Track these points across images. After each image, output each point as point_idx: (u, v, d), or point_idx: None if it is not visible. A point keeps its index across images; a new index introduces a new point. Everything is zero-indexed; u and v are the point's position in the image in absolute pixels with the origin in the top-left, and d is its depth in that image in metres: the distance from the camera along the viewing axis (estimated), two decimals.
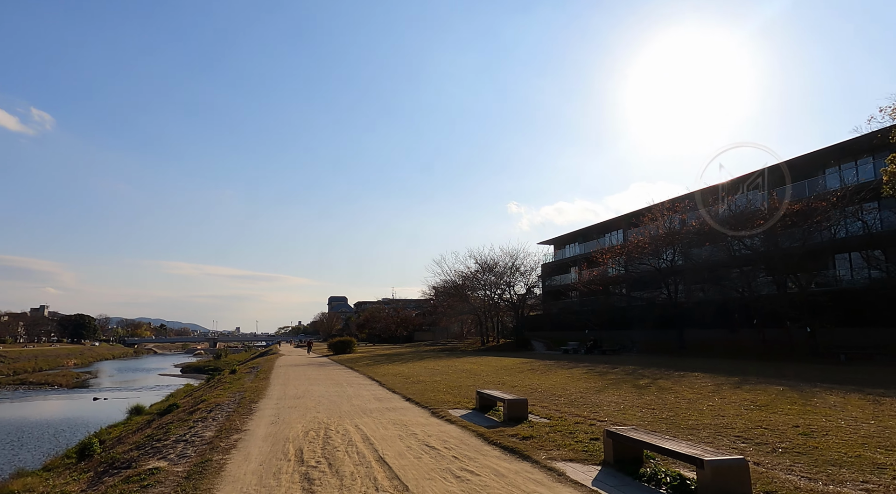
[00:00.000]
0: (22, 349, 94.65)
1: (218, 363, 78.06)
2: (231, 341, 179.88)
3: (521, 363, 23.04)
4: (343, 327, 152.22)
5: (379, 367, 24.42)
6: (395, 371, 21.07)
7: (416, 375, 18.96)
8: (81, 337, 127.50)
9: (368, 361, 29.77)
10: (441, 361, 27.05)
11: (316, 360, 34.93)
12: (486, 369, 20.46)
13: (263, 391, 15.14)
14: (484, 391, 10.07)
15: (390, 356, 35.08)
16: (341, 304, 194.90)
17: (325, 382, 17.79)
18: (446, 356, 31.93)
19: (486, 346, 45.84)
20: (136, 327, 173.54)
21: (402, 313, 76.41)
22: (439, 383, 15.79)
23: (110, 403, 35.21)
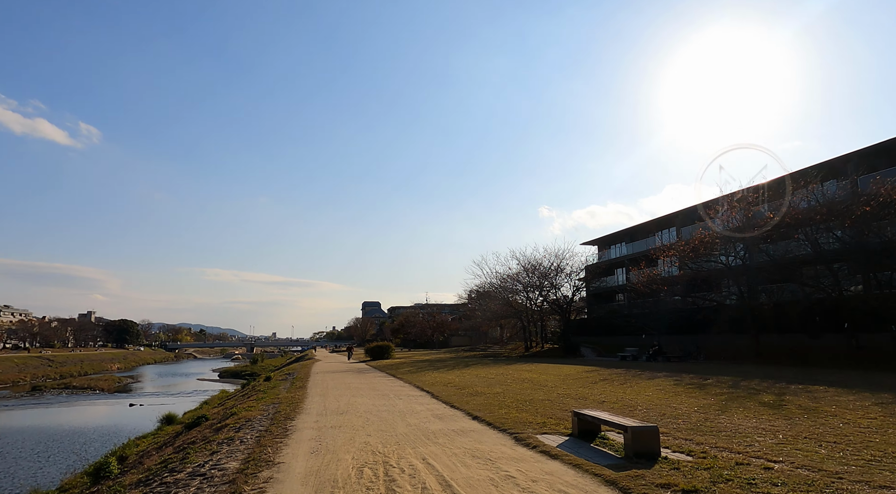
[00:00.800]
0: (69, 354, 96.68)
1: (254, 369, 77.56)
2: (268, 346, 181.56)
3: (585, 371, 20.38)
4: (377, 332, 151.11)
5: (424, 375, 22.17)
6: (444, 380, 18.76)
7: (470, 385, 16.60)
8: (125, 342, 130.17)
9: (410, 367, 27.60)
10: (490, 368, 24.61)
11: (354, 366, 33.04)
12: (548, 378, 17.92)
13: (300, 404, 13.07)
14: (586, 412, 7.62)
15: (432, 361, 32.82)
16: (375, 309, 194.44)
17: (368, 392, 15.64)
18: (493, 363, 29.46)
19: (529, 352, 43.11)
20: (177, 332, 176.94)
21: (437, 317, 74.21)
22: (502, 395, 13.39)
23: (145, 410, 34.14)
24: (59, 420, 31.21)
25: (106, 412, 35.36)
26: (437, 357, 40.64)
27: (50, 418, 32.80)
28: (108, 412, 34.75)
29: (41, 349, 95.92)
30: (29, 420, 31.78)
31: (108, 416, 32.98)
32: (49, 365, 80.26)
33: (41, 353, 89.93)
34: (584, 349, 40.53)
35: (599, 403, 11.16)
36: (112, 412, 34.75)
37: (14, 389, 58.64)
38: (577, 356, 38.63)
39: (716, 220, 29.13)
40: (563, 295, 41.99)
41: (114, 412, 34.69)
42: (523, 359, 35.69)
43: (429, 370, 24.56)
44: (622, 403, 10.98)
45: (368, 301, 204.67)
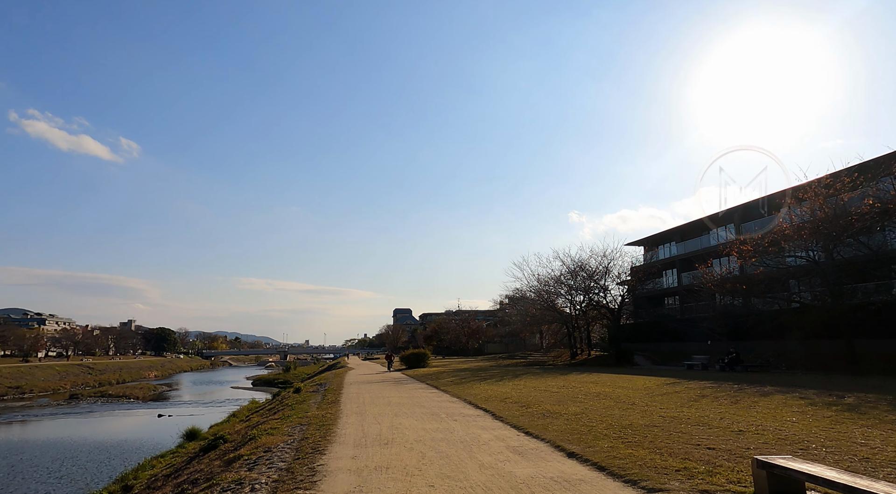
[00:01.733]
0: (109, 362, 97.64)
1: (287, 376, 76.12)
2: (301, 353, 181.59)
3: (665, 384, 17.19)
4: (409, 339, 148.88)
5: (471, 387, 19.35)
6: (499, 394, 15.92)
7: (534, 401, 13.71)
8: (163, 350, 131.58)
9: (452, 377, 24.81)
10: (545, 379, 21.59)
11: (389, 375, 30.48)
12: (626, 393, 14.85)
13: (333, 426, 10.46)
14: (791, 466, 4.66)
15: (474, 371, 29.96)
16: (406, 316, 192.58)
17: (413, 410, 12.94)
18: (544, 373, 26.39)
19: (576, 360, 39.77)
20: (213, 340, 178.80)
21: (471, 323, 71.26)
22: (586, 417, 10.48)
23: (173, 421, 32.39)
24: (85, 433, 29.67)
25: (133, 423, 33.75)
26: (477, 366, 37.74)
27: (76, 429, 31.37)
28: (135, 424, 33.12)
29: (82, 357, 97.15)
30: (55, 432, 30.36)
31: (133, 428, 31.29)
32: (89, 373, 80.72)
33: (82, 361, 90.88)
34: (638, 356, 36.96)
35: (736, 433, 8.12)
36: (139, 424, 33.10)
37: (53, 397, 58.50)
38: (631, 364, 35.13)
39: (796, 210, 25.46)
40: (613, 298, 38.59)
41: (141, 424, 33.04)
42: (572, 368, 32.45)
43: (474, 381, 21.73)
44: (774, 434, 7.92)
45: (400, 308, 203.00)
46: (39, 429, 31.90)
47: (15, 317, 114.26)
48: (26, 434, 30.24)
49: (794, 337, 25.90)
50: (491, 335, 70.19)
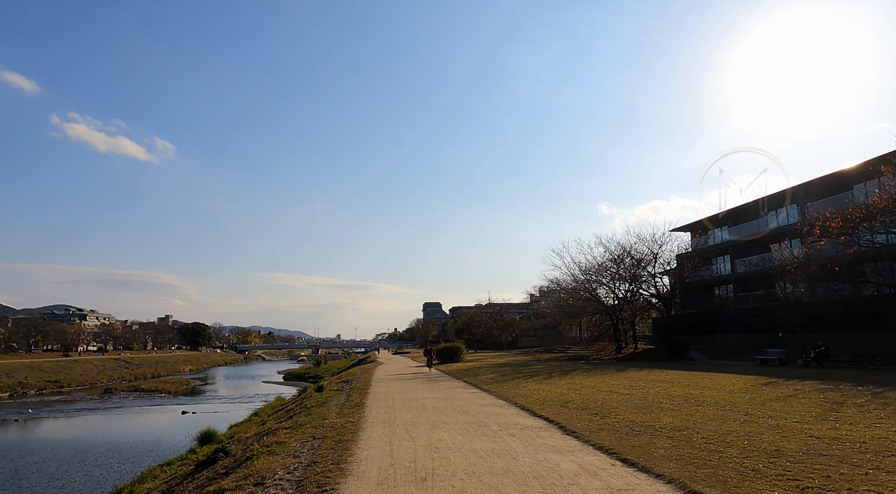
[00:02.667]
0: (146, 356, 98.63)
1: (317, 371, 74.88)
2: (332, 347, 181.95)
3: (758, 384, 14.00)
4: (439, 333, 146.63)
5: (516, 386, 16.57)
6: (554, 396, 13.09)
7: (606, 406, 10.84)
8: (198, 344, 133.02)
9: (491, 374, 22.06)
10: (602, 377, 18.60)
11: (422, 371, 27.95)
12: (721, 396, 11.78)
13: (352, 444, 7.86)
14: None
15: (514, 366, 27.14)
16: (436, 310, 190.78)
17: (455, 417, 10.26)
18: (595, 368, 23.37)
19: (622, 354, 36.45)
20: (247, 334, 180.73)
21: (504, 316, 68.33)
22: (698, 434, 7.58)
23: (196, 419, 30.75)
24: (104, 431, 28.22)
25: (155, 421, 32.24)
26: (515, 360, 34.90)
27: (97, 427, 30.04)
28: (157, 422, 31.58)
29: (120, 352, 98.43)
30: (75, 430, 29.05)
31: (154, 427, 29.71)
32: (126, 367, 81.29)
33: (120, 355, 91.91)
34: (693, 350, 33.42)
35: None
36: (161, 422, 31.56)
37: (89, 391, 58.44)
38: (685, 359, 31.68)
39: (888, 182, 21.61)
40: (664, 287, 35.09)
41: (163, 422, 31.49)
42: (623, 363, 29.27)
43: (518, 379, 18.93)
44: None
45: (429, 302, 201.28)
46: (61, 426, 30.69)
47: (58, 313, 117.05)
48: (46, 432, 29.01)
49: (886, 328, 22.13)
50: (525, 327, 67.13)
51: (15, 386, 57.30)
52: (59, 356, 79.45)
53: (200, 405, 40.37)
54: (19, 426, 30.45)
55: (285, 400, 29.16)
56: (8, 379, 58.79)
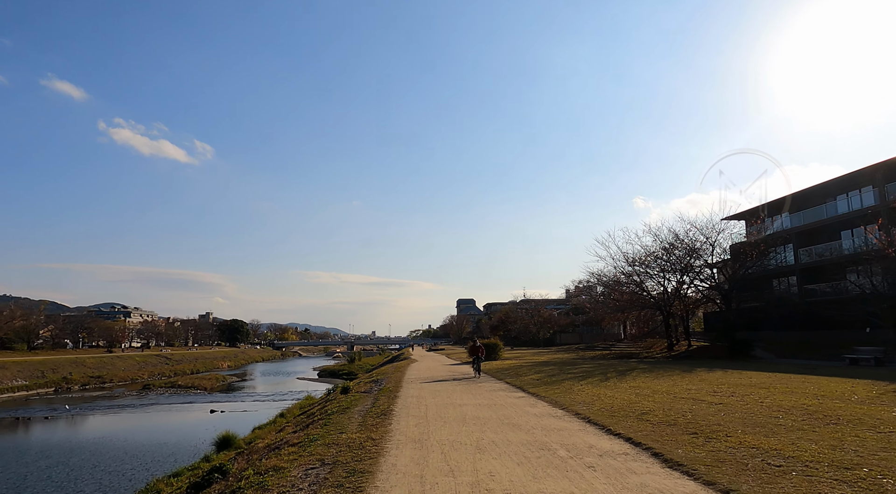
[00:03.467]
0: (186, 352, 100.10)
1: (351, 367, 73.71)
2: (367, 344, 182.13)
3: (883, 389, 11.11)
4: (473, 329, 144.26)
5: (569, 389, 14.07)
6: (622, 404, 10.57)
7: (703, 421, 8.26)
8: (237, 341, 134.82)
9: (536, 374, 19.57)
10: (671, 379, 15.85)
11: (458, 369, 25.71)
12: (853, 407, 9.00)
13: (368, 480, 5.62)
14: None
15: (559, 365, 24.53)
16: (469, 306, 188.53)
17: (505, 435, 7.90)
18: (655, 369, 20.53)
19: (675, 351, 33.24)
20: (284, 331, 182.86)
21: (542, 312, 65.37)
22: (888, 476, 5.02)
23: (223, 418, 29.46)
24: (129, 430, 27.18)
25: (183, 420, 31.10)
26: (558, 358, 32.22)
27: (124, 425, 29.12)
28: (185, 421, 30.42)
29: (161, 348, 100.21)
30: (101, 429, 28.12)
31: (180, 426, 28.49)
32: (166, 363, 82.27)
33: (161, 351, 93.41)
34: (758, 348, 29.96)
35: None
36: (188, 421, 30.39)
37: (128, 387, 58.84)
38: (750, 357, 28.34)
39: None
40: (724, 277, 31.69)
41: (190, 421, 30.31)
42: (679, 362, 26.22)
43: (570, 380, 16.40)
44: None
45: (463, 299, 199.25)
46: (89, 426, 29.91)
47: (104, 310, 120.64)
48: (71, 432, 28.21)
49: None
50: (563, 324, 63.99)
51: (60, 381, 58.13)
52: (103, 352, 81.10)
53: (231, 403, 39.32)
54: (47, 425, 29.83)
55: (314, 400, 27.45)
56: (54, 374, 59.72)
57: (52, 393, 52.97)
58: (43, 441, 24.71)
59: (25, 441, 25.03)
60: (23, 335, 70.56)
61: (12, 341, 69.20)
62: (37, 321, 74.41)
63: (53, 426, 29.64)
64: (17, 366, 57.45)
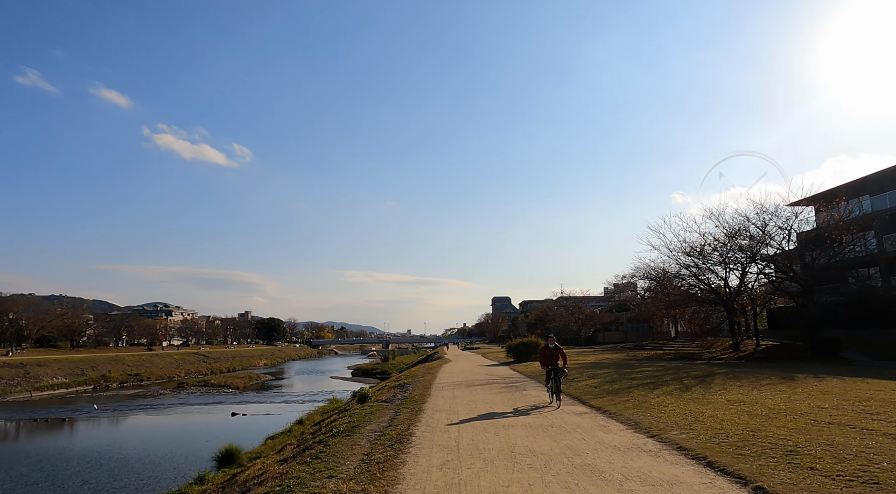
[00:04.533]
0: (224, 350, 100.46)
1: (384, 366, 71.54)
2: (402, 342, 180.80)
3: None
4: (509, 327, 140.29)
5: (645, 402, 10.72)
6: (750, 432, 7.21)
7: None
8: (274, 339, 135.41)
9: (593, 380, 16.21)
10: (779, 389, 12.20)
11: (495, 371, 22.56)
12: None
13: None
14: None
15: (616, 368, 21.00)
16: (505, 304, 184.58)
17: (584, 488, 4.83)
18: (744, 375, 16.77)
19: (742, 351, 29.04)
20: (320, 329, 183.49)
21: (584, 309, 61.23)
22: None
23: (242, 423, 27.30)
24: (140, 436, 25.33)
25: (201, 424, 29.09)
26: (609, 359, 28.58)
27: (140, 428, 27.38)
28: (202, 425, 28.37)
29: (200, 346, 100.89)
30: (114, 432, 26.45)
31: (195, 431, 26.40)
32: (203, 361, 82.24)
33: (199, 349, 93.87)
34: (847, 349, 25.54)
35: None
36: (206, 425, 28.35)
37: (164, 385, 58.35)
38: (838, 360, 24.04)
39: None
40: (804, 267, 27.36)
41: (208, 425, 28.27)
42: (756, 365, 22.24)
43: (641, 390, 13.02)
44: None
45: (498, 296, 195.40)
46: (103, 429, 28.32)
47: (147, 309, 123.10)
48: (83, 435, 26.59)
49: None
50: (607, 321, 59.69)
51: (98, 379, 58.07)
52: (142, 350, 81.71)
53: (257, 404, 37.36)
54: (60, 427, 28.38)
55: (339, 403, 24.94)
56: (93, 372, 59.77)
57: (90, 391, 52.76)
58: (44, 445, 23.07)
59: (26, 446, 23.47)
60: (66, 333, 71.54)
61: (56, 339, 70.22)
62: (80, 320, 75.39)
63: (66, 428, 28.17)
64: (58, 364, 57.69)
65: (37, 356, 60.92)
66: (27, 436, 26.14)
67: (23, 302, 68.77)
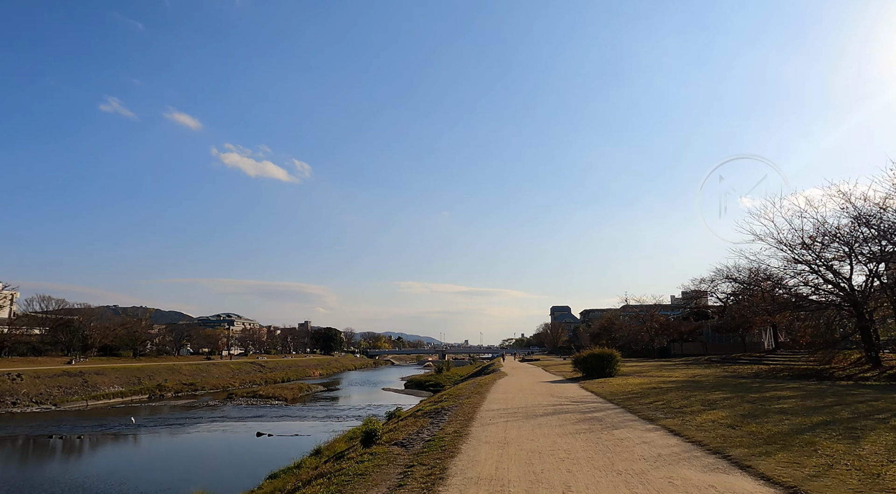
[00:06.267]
0: (280, 359, 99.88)
1: (438, 378, 67.17)
2: (459, 353, 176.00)
3: None
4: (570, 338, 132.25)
5: (830, 456, 5.57)
6: None
7: None
8: (331, 349, 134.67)
9: (717, 413, 10.89)
10: None
11: (561, 390, 17.43)
12: None
13: None
14: None
15: (733, 390, 15.27)
16: (564, 314, 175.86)
17: None
18: None
19: (889, 368, 22.06)
20: (377, 339, 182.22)
21: (655, 317, 54.12)
22: None
23: (261, 447, 23.60)
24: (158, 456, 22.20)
25: (222, 445, 25.58)
26: (704, 376, 22.56)
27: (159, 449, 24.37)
28: (222, 447, 24.82)
29: (258, 355, 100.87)
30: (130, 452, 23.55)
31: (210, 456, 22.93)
32: (259, 370, 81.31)
33: (257, 359, 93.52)
34: None
35: None
36: (226, 447, 24.86)
37: (215, 395, 56.90)
38: None
39: None
40: None
41: (228, 447, 24.76)
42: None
43: (816, 434, 7.74)
44: None
45: (557, 306, 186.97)
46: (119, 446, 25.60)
47: (212, 319, 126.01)
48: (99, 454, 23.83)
49: None
50: (686, 330, 52.23)
51: (154, 388, 57.38)
52: (201, 360, 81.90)
53: (291, 422, 33.99)
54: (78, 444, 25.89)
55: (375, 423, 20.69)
56: (149, 381, 59.28)
57: (145, 400, 51.87)
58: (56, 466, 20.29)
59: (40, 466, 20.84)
60: (128, 342, 72.49)
61: (119, 348, 71.21)
62: (141, 330, 76.42)
63: (90, 446, 25.66)
64: (116, 373, 57.57)
65: (97, 364, 61.38)
66: (19, 456, 23.71)
67: (88, 313, 70.24)
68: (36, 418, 37.00)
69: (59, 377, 50.35)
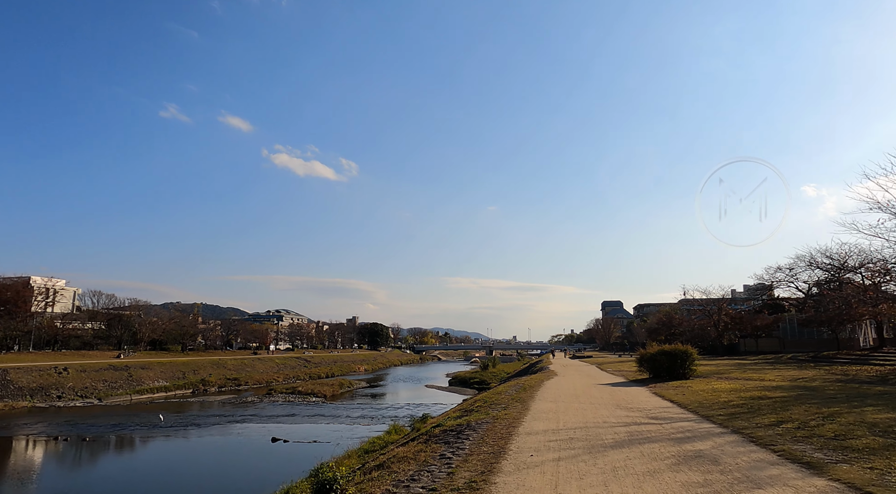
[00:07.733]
0: (326, 354, 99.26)
1: (483, 375, 63.46)
2: (507, 349, 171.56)
3: None
4: (623, 334, 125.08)
5: None
6: None
7: None
8: (377, 344, 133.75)
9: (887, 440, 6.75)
10: None
11: (627, 397, 13.36)
12: None
13: None
14: None
15: (881, 398, 10.82)
16: (616, 309, 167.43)
17: None
18: None
19: None
20: (423, 335, 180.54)
21: (726, 309, 48.01)
22: None
23: (273, 454, 20.71)
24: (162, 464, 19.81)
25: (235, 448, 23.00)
26: (808, 378, 17.72)
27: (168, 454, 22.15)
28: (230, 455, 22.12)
29: (304, 350, 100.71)
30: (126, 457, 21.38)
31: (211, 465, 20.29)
32: (304, 365, 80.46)
33: (303, 354, 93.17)
34: None
35: None
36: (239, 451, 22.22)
37: (258, 390, 55.73)
38: None
39: None
40: None
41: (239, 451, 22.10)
42: None
43: None
44: None
45: (608, 301, 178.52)
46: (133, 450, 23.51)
47: (262, 315, 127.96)
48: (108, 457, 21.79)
49: None
50: (762, 324, 45.89)
51: (197, 383, 56.87)
52: (246, 354, 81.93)
53: (323, 423, 31.31)
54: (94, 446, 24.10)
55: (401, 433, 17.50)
56: (194, 376, 58.94)
57: (189, 395, 51.17)
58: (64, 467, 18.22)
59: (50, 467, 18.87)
60: (176, 336, 73.18)
61: (167, 342, 71.97)
62: (189, 324, 77.11)
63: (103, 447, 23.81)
64: (161, 367, 57.51)
65: (144, 358, 61.73)
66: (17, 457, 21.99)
67: (139, 308, 71.26)
68: (79, 412, 36.36)
69: (105, 371, 50.33)
